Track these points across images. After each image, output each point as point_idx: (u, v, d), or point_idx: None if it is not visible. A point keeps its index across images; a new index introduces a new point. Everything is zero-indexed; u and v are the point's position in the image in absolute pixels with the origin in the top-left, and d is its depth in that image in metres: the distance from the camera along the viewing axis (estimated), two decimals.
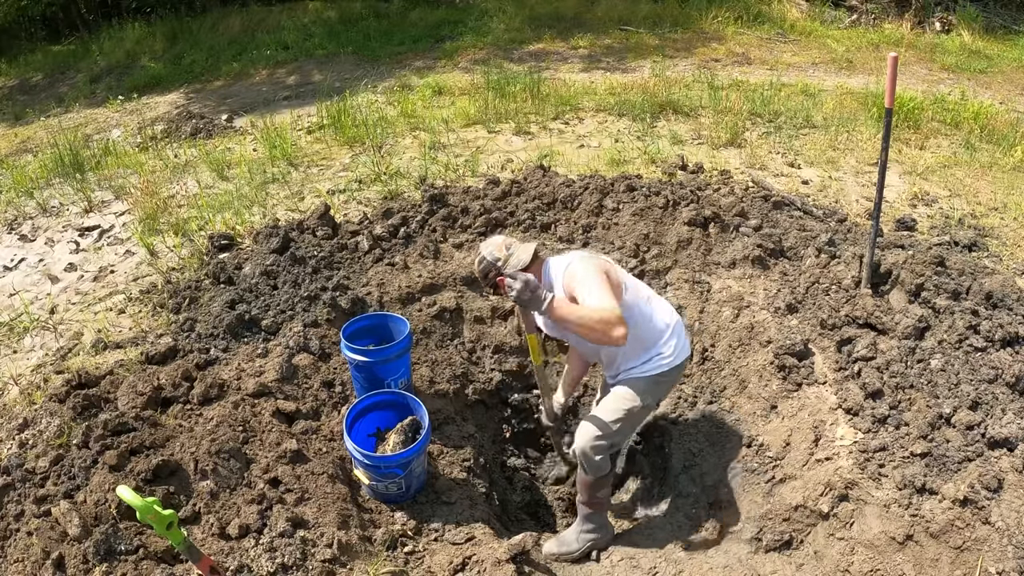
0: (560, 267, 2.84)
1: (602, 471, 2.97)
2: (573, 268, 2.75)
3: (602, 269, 2.73)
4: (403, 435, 2.96)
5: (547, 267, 2.93)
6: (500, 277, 2.83)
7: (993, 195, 4.89)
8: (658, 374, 2.91)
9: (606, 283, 2.65)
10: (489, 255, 2.92)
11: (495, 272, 2.90)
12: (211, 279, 4.08)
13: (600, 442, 2.92)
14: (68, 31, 13.87)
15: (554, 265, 2.90)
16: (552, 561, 3.13)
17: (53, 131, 7.51)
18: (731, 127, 5.88)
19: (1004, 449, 2.68)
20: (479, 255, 2.96)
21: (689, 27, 9.97)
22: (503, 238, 3.00)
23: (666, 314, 3.00)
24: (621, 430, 2.95)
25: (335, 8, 12.29)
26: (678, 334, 2.98)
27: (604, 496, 3.10)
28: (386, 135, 6.23)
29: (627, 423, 2.94)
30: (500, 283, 2.87)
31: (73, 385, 3.23)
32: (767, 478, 3.13)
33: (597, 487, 3.03)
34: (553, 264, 2.92)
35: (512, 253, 2.90)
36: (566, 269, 2.78)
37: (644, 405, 2.93)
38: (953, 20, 9.92)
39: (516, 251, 2.91)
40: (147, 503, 1.98)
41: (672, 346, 2.93)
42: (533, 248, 2.92)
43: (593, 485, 3.02)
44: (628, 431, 3.07)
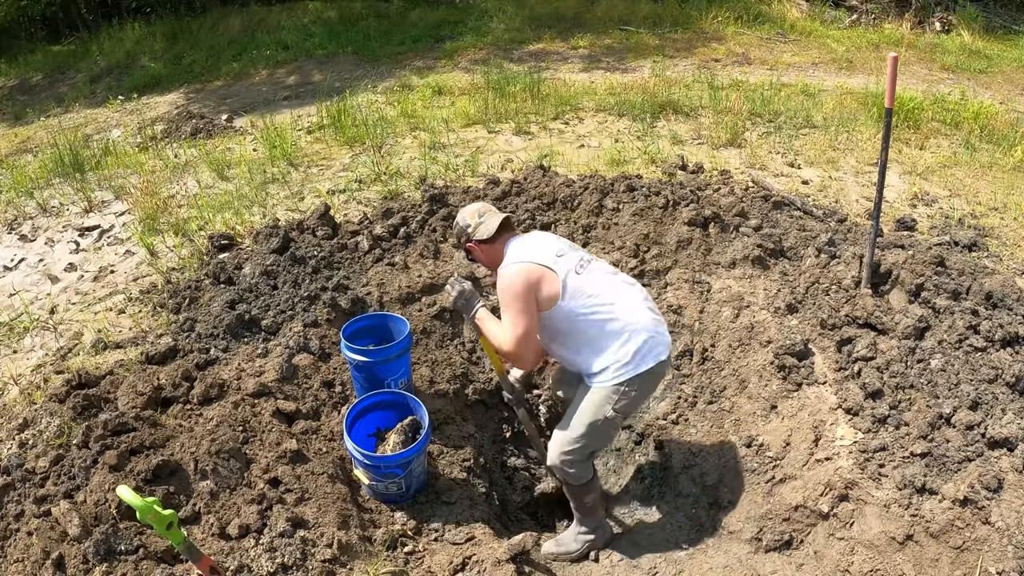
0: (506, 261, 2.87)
1: (581, 480, 2.96)
2: (501, 280, 2.81)
3: (526, 286, 2.72)
4: (403, 435, 2.96)
5: (509, 243, 2.95)
6: (470, 244, 2.99)
7: (993, 195, 4.89)
8: (618, 383, 2.73)
9: (521, 306, 2.72)
10: (462, 220, 3.04)
11: (465, 238, 3.02)
12: (211, 279, 4.08)
13: (569, 456, 2.90)
14: (68, 31, 13.87)
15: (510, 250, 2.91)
16: (551, 561, 3.14)
17: (53, 131, 7.51)
18: (731, 127, 5.88)
19: (1004, 449, 2.68)
20: (456, 219, 3.08)
21: (689, 27, 9.97)
22: (480, 205, 3.07)
23: (628, 315, 2.75)
24: (589, 444, 2.88)
25: (335, 8, 12.29)
26: (642, 338, 2.72)
27: (593, 500, 3.09)
28: (386, 135, 6.23)
29: (594, 436, 2.86)
30: (471, 250, 3.04)
31: (73, 385, 3.23)
32: (767, 478, 3.13)
33: (582, 494, 3.02)
34: (511, 247, 2.92)
35: (482, 222, 2.96)
36: (501, 269, 2.85)
37: (607, 417, 2.78)
38: (953, 20, 9.92)
39: (486, 220, 2.96)
40: (147, 503, 1.98)
41: (630, 351, 2.70)
42: (499, 220, 2.94)
43: (577, 493, 3.02)
44: (599, 442, 2.97)
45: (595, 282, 2.80)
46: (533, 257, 2.80)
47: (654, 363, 2.74)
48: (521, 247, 2.89)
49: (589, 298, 2.75)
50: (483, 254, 3.02)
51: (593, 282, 2.80)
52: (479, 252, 3.03)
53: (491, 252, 2.99)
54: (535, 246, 2.89)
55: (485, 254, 3.01)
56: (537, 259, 2.79)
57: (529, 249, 2.86)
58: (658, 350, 2.76)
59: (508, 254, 2.89)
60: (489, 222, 2.95)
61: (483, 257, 3.04)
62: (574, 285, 2.75)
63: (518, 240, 2.96)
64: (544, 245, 2.90)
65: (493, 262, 3.00)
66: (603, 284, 2.81)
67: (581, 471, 2.94)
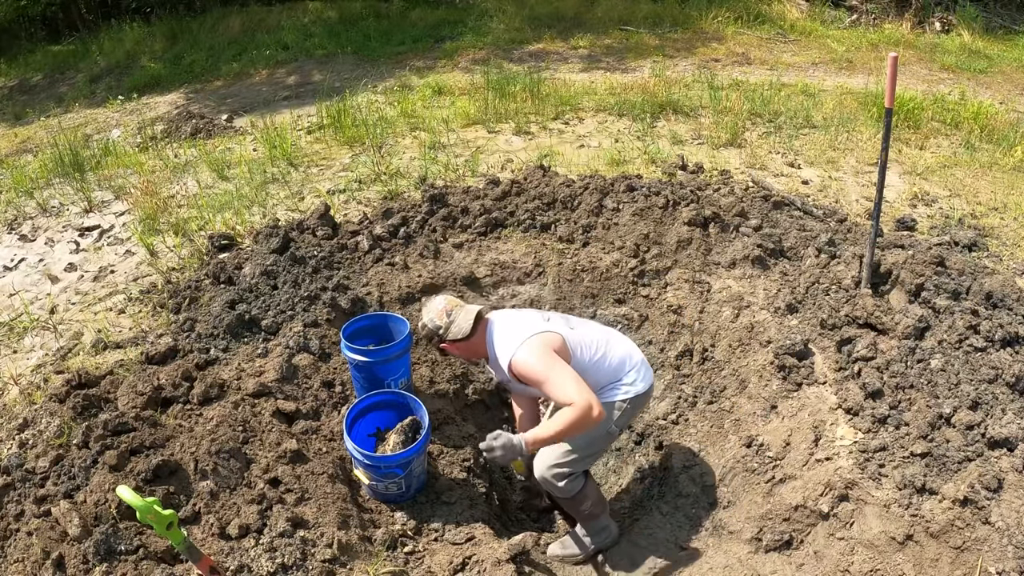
0: (506, 349, 2.77)
1: (570, 492, 2.97)
2: (524, 362, 2.69)
3: (551, 351, 2.69)
4: (403, 435, 2.96)
5: (491, 333, 2.87)
6: (444, 344, 2.88)
7: (993, 195, 4.88)
8: (621, 399, 2.89)
9: (558, 364, 2.64)
10: (430, 322, 2.88)
11: (438, 340, 2.90)
12: (211, 279, 4.08)
13: (558, 470, 2.91)
14: (68, 31, 13.87)
15: (499, 338, 2.82)
16: (556, 563, 3.14)
17: (53, 131, 7.51)
18: (731, 127, 5.88)
19: (1004, 449, 2.68)
20: (421, 320, 2.93)
21: (689, 27, 9.97)
22: (444, 301, 2.90)
23: (622, 350, 2.98)
24: (579, 459, 2.92)
25: (335, 8, 12.29)
26: (637, 364, 2.97)
27: (590, 507, 3.08)
28: (386, 135, 6.23)
29: (588, 451, 2.92)
30: (446, 348, 2.93)
31: (73, 385, 3.23)
32: (767, 478, 3.13)
33: (577, 504, 3.03)
34: (498, 335, 2.84)
35: (453, 320, 2.85)
36: (513, 358, 2.72)
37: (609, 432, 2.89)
38: (953, 20, 9.92)
39: (457, 318, 2.85)
40: (147, 503, 1.98)
41: (632, 376, 2.93)
42: (474, 314, 2.85)
43: (571, 504, 3.03)
44: (588, 459, 3.02)
45: (587, 333, 2.95)
46: (534, 328, 2.80)
47: (645, 387, 2.96)
48: (512, 327, 2.84)
49: (590, 347, 2.89)
50: (460, 350, 2.97)
51: (586, 333, 2.94)
52: (455, 349, 2.96)
53: (469, 346, 2.92)
54: (526, 320, 2.88)
55: (463, 349, 2.95)
56: (538, 329, 2.80)
57: (523, 324, 2.84)
58: (648, 375, 3.02)
59: (500, 339, 2.83)
60: (461, 320, 2.85)
61: (461, 352, 2.99)
62: (574, 341, 2.86)
63: (501, 322, 2.89)
64: (531, 317, 2.92)
65: (474, 354, 2.98)
66: (593, 333, 2.99)
67: (570, 484, 2.95)
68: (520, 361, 2.70)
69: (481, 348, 2.92)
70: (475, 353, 2.97)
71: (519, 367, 2.71)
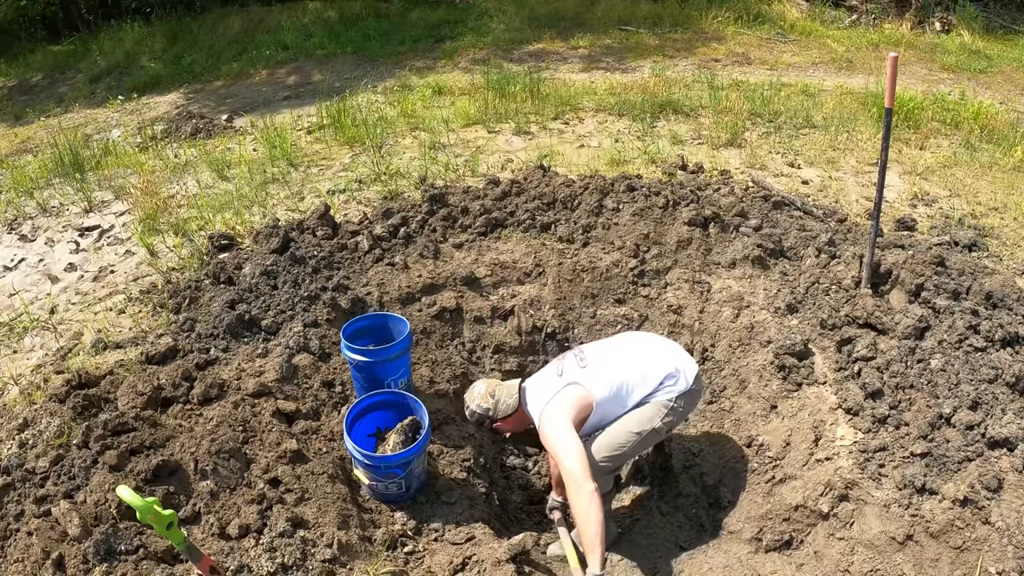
0: (537, 405, 2.97)
1: (603, 490, 2.98)
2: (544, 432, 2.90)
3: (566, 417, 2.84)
4: (403, 435, 2.96)
5: (525, 396, 3.07)
6: (497, 423, 3.06)
7: (993, 195, 4.88)
8: (668, 398, 2.96)
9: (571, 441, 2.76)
10: (478, 408, 3.07)
11: (489, 422, 3.09)
12: (211, 279, 4.08)
13: (606, 463, 2.96)
14: (68, 31, 13.86)
15: (532, 398, 3.03)
16: (556, 563, 3.14)
17: (53, 131, 7.50)
18: (731, 127, 5.88)
19: (1004, 449, 2.68)
20: (468, 407, 3.11)
21: (689, 27, 9.96)
22: (484, 385, 3.10)
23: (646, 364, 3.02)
24: (628, 452, 3.00)
25: (335, 8, 12.29)
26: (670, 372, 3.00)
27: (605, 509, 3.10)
28: (386, 135, 6.23)
29: (636, 446, 2.99)
30: (499, 427, 3.11)
31: (73, 385, 3.23)
32: (767, 478, 3.13)
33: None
34: (531, 395, 3.05)
35: (498, 400, 3.04)
36: (541, 414, 2.93)
37: (655, 429, 2.96)
38: (953, 20, 9.92)
39: (501, 396, 3.05)
40: (147, 503, 1.98)
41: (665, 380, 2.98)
42: (516, 389, 3.06)
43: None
44: (635, 452, 3.11)
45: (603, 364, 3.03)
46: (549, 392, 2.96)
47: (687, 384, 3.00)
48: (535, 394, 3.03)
49: (612, 376, 2.97)
50: (512, 423, 3.14)
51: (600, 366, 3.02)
52: (507, 424, 3.14)
53: (519, 419, 3.10)
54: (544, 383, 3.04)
55: (513, 423, 3.13)
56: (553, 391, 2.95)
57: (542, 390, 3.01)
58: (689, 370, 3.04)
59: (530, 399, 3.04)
60: (505, 396, 3.05)
61: (513, 425, 3.16)
62: (590, 381, 2.96)
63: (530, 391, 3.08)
64: (547, 377, 3.08)
65: (523, 424, 3.14)
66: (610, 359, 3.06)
67: (607, 482, 3.04)
68: (541, 433, 2.94)
69: (523, 420, 3.10)
70: (524, 423, 3.13)
71: (544, 431, 2.91)
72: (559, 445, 2.79)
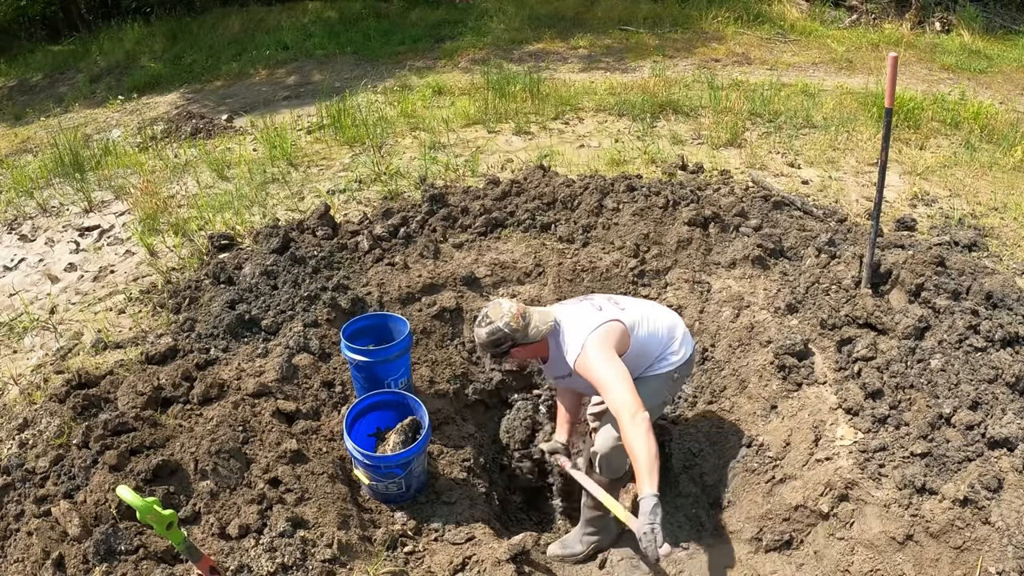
0: (572, 347, 2.76)
1: (619, 472, 2.98)
2: (587, 364, 2.70)
3: (612, 349, 2.72)
4: (403, 435, 2.96)
5: (560, 330, 2.84)
6: (516, 348, 2.78)
7: (993, 195, 4.88)
8: (671, 371, 2.97)
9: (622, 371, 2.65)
10: (506, 327, 2.73)
11: (510, 344, 2.77)
12: (211, 279, 4.08)
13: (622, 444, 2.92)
14: (68, 31, 13.86)
15: (569, 328, 2.81)
16: (556, 563, 3.14)
17: (53, 131, 7.50)
18: (731, 127, 5.88)
19: (1004, 449, 2.68)
20: (490, 324, 2.76)
21: (689, 27, 9.96)
22: (514, 305, 2.81)
23: (668, 322, 3.05)
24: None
25: (335, 8, 12.29)
26: (681, 334, 3.05)
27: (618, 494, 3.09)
28: (386, 135, 6.23)
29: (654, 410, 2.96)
30: (514, 354, 2.81)
31: (73, 385, 3.23)
32: (767, 478, 3.13)
33: (611, 490, 3.03)
34: (567, 326, 2.82)
35: (530, 323, 2.78)
36: (580, 355, 2.72)
37: (661, 402, 2.99)
38: (953, 20, 9.92)
39: (533, 320, 2.80)
40: (147, 503, 1.98)
41: (677, 344, 3.01)
42: (552, 319, 2.82)
43: (608, 488, 3.02)
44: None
45: (636, 309, 3.00)
46: (592, 324, 2.79)
47: (691, 353, 3.06)
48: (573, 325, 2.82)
49: (642, 323, 2.94)
50: (525, 352, 2.87)
51: (635, 310, 2.99)
52: (520, 353, 2.85)
53: (537, 348, 2.87)
54: (582, 316, 2.87)
55: (528, 351, 2.88)
56: (596, 323, 2.79)
57: (582, 321, 2.83)
58: (689, 341, 3.10)
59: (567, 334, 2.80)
60: (539, 321, 2.80)
61: (525, 354, 2.89)
62: (629, 321, 2.90)
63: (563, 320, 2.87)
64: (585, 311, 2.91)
65: (535, 355, 2.92)
66: (640, 307, 3.05)
67: (624, 463, 2.94)
68: (584, 362, 2.72)
69: (545, 349, 2.90)
70: (537, 354, 2.92)
71: (582, 367, 2.72)
72: (609, 374, 2.62)
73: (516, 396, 3.99)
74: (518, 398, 3.98)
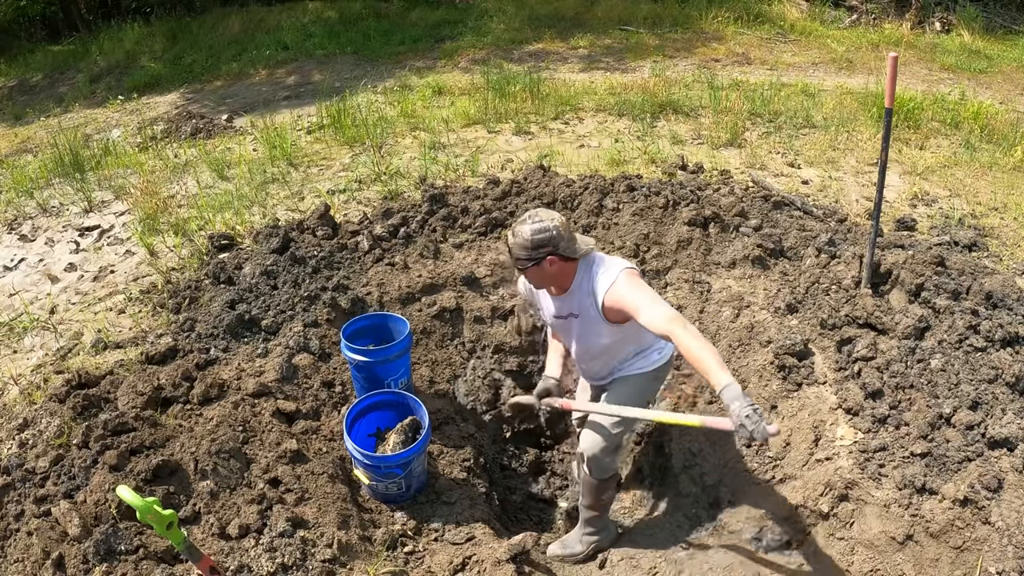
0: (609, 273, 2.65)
1: (609, 472, 2.97)
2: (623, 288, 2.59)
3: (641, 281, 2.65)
4: (403, 435, 2.96)
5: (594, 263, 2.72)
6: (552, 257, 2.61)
7: (993, 195, 4.88)
8: (655, 369, 2.89)
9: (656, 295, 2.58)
10: (553, 228, 2.57)
11: (550, 249, 2.59)
12: (211, 279, 4.08)
13: (608, 443, 2.91)
14: (68, 31, 13.86)
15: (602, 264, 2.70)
16: (556, 563, 3.14)
17: (53, 131, 7.50)
18: (731, 127, 5.88)
19: (1004, 449, 2.68)
20: (540, 222, 2.58)
21: (689, 27, 9.96)
22: (559, 216, 2.66)
23: None
24: (624, 431, 2.95)
25: (335, 8, 12.29)
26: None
27: (608, 498, 3.10)
28: (386, 135, 6.23)
29: (634, 420, 2.94)
30: (544, 268, 2.64)
31: (73, 385, 3.23)
32: (767, 478, 3.13)
33: (603, 489, 3.03)
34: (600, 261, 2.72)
35: (574, 236, 2.67)
36: (613, 285, 2.61)
37: (650, 400, 2.95)
38: (953, 20, 9.92)
39: (576, 236, 2.69)
40: (147, 503, 1.98)
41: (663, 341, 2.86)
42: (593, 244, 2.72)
43: (599, 488, 3.02)
44: (629, 430, 3.05)
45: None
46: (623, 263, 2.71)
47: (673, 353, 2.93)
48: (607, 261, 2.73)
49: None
50: (555, 269, 2.65)
51: None
52: (552, 268, 2.64)
53: (564, 269, 2.68)
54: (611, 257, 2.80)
55: (557, 270, 2.66)
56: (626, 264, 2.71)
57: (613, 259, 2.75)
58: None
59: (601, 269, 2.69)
60: (582, 242, 2.68)
61: (554, 271, 2.66)
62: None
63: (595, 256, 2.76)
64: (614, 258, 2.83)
65: (557, 278, 2.72)
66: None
67: (612, 462, 2.94)
68: (617, 289, 2.59)
69: (571, 275, 2.72)
70: (560, 277, 2.71)
71: (614, 296, 2.59)
72: (645, 296, 2.51)
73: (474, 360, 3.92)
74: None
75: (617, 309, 2.62)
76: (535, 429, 3.98)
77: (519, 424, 3.97)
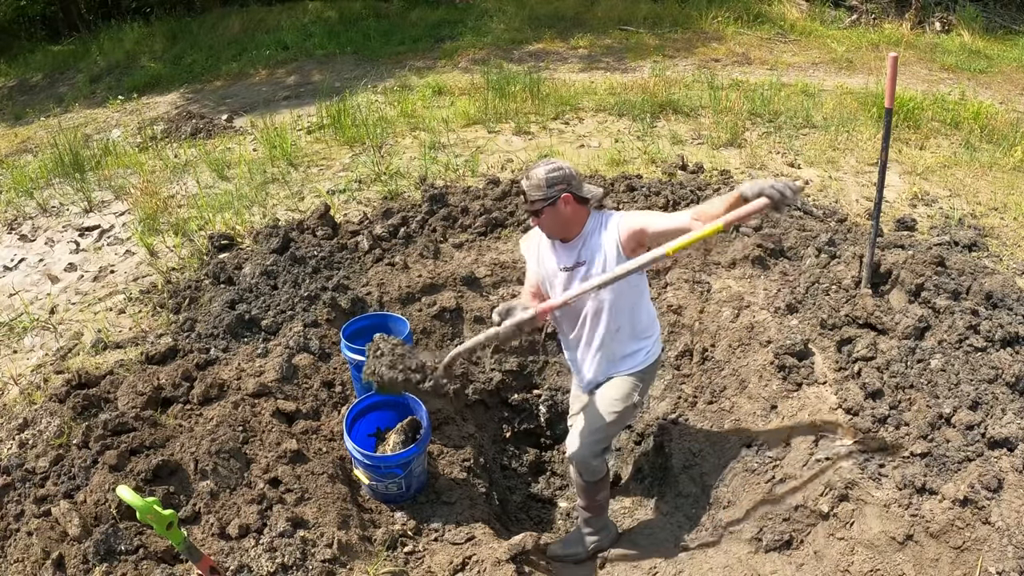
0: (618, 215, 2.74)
1: (599, 474, 2.97)
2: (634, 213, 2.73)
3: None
4: (403, 435, 2.96)
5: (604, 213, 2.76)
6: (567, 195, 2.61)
7: (993, 195, 4.88)
8: (647, 367, 2.92)
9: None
10: (568, 171, 2.63)
11: (564, 187, 2.59)
12: (211, 279, 4.08)
13: (596, 447, 2.91)
14: (68, 31, 13.87)
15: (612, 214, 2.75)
16: (556, 563, 3.13)
17: (53, 131, 7.50)
18: (731, 127, 5.88)
19: (1004, 449, 2.68)
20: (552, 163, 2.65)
21: (689, 27, 9.97)
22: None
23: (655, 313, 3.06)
24: (613, 432, 2.96)
25: (335, 8, 12.29)
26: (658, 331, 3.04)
27: (604, 499, 3.09)
28: (386, 135, 6.23)
29: (620, 422, 2.94)
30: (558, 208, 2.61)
31: (73, 385, 3.23)
32: (767, 478, 3.13)
33: (596, 490, 3.03)
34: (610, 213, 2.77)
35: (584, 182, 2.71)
36: (624, 215, 2.71)
37: (636, 403, 2.91)
38: (953, 20, 9.92)
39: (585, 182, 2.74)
40: (147, 503, 1.98)
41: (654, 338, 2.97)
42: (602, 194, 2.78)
43: (591, 489, 3.02)
44: (617, 431, 3.08)
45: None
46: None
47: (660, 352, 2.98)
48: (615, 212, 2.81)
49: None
50: (572, 212, 2.65)
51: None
52: (566, 208, 2.64)
53: (579, 213, 2.69)
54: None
55: (574, 212, 2.67)
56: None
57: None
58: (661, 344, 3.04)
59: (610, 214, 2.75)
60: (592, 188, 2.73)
61: (569, 213, 2.65)
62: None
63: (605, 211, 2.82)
64: None
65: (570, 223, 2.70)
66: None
67: (601, 464, 2.95)
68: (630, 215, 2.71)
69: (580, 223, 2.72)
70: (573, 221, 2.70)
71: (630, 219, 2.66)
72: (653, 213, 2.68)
73: (516, 396, 3.99)
74: (518, 398, 3.97)
75: (636, 231, 2.63)
76: (535, 429, 3.98)
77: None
